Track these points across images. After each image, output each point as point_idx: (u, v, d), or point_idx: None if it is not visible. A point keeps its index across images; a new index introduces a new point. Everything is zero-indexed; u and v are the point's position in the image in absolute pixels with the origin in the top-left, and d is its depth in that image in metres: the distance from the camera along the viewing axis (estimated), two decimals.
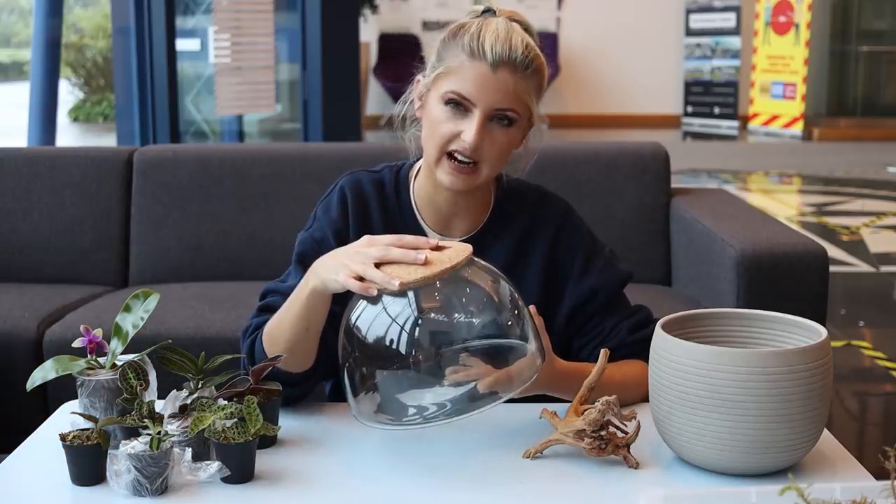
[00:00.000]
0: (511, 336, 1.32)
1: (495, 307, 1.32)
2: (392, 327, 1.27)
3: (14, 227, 2.80)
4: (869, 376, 3.64)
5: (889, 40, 11.07)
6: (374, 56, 10.92)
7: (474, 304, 1.31)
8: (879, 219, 6.33)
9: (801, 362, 1.22)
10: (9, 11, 17.55)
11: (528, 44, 1.49)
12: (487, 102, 1.47)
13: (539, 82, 1.52)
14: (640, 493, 1.16)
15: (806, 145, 10.05)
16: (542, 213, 1.63)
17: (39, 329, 2.37)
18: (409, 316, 1.27)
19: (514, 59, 1.47)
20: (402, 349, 1.26)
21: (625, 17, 11.31)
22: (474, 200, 1.59)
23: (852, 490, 1.08)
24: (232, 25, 5.33)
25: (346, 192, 1.61)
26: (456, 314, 1.30)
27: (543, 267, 1.60)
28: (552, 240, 1.61)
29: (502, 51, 1.46)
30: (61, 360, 1.40)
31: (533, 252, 1.60)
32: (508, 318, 1.33)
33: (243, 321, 2.33)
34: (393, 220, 1.60)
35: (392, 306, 1.28)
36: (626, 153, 2.76)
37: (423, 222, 1.60)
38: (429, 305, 1.29)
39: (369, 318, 1.29)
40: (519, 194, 1.64)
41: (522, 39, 1.49)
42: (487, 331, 1.31)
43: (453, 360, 1.28)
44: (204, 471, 1.24)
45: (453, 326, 1.29)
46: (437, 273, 1.27)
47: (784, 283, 2.21)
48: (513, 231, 1.61)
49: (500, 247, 1.60)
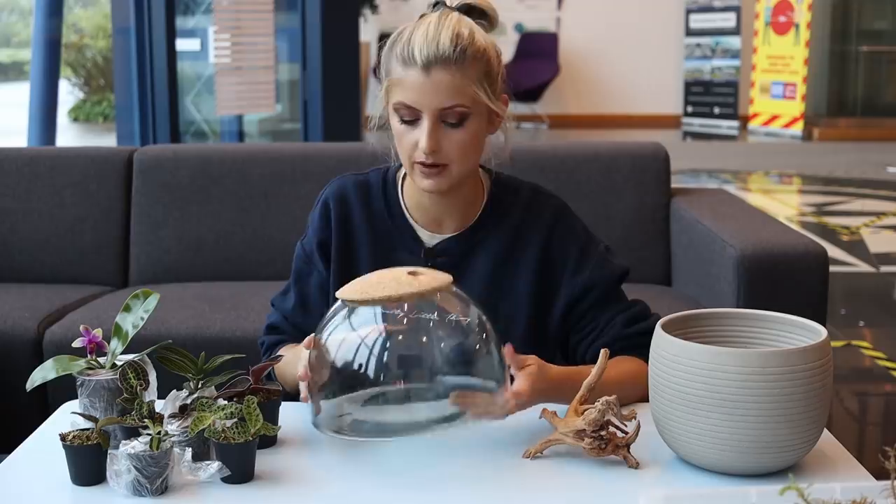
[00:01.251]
0: (476, 366, 1.34)
1: (461, 337, 1.33)
2: (360, 348, 1.29)
3: (14, 227, 2.80)
4: (869, 376, 3.64)
5: (889, 40, 11.07)
6: (374, 56, 10.92)
7: (441, 331, 1.33)
8: (879, 219, 6.33)
9: (801, 362, 1.22)
10: (9, 11, 17.55)
11: (459, 34, 1.47)
12: (431, 106, 1.47)
13: (484, 68, 1.49)
14: (640, 493, 1.16)
15: (806, 145, 10.05)
16: (536, 211, 1.62)
17: (39, 329, 2.37)
18: (376, 336, 1.30)
19: (444, 55, 1.45)
20: (367, 369, 1.29)
21: (625, 17, 11.31)
22: (462, 198, 1.59)
23: (852, 490, 1.08)
24: (232, 25, 5.33)
25: (328, 203, 1.63)
26: (422, 339, 1.33)
27: (537, 264, 1.59)
28: (546, 238, 1.60)
29: (429, 51, 1.46)
30: (61, 360, 1.40)
31: (526, 249, 1.60)
32: (475, 349, 1.34)
33: (243, 321, 2.35)
34: (380, 222, 1.61)
35: (361, 328, 1.31)
36: (626, 153, 2.76)
37: (413, 221, 1.61)
38: (394, 328, 1.31)
39: (337, 338, 1.32)
40: (512, 191, 1.64)
41: (452, 32, 1.47)
42: (452, 357, 1.33)
43: (417, 381, 1.31)
44: (204, 471, 1.24)
45: (419, 350, 1.32)
46: (402, 296, 1.28)
47: (784, 283, 2.20)
48: (505, 228, 1.60)
49: (493, 242, 1.60)
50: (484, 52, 1.49)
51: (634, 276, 2.70)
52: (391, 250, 1.60)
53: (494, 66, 1.52)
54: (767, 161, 8.88)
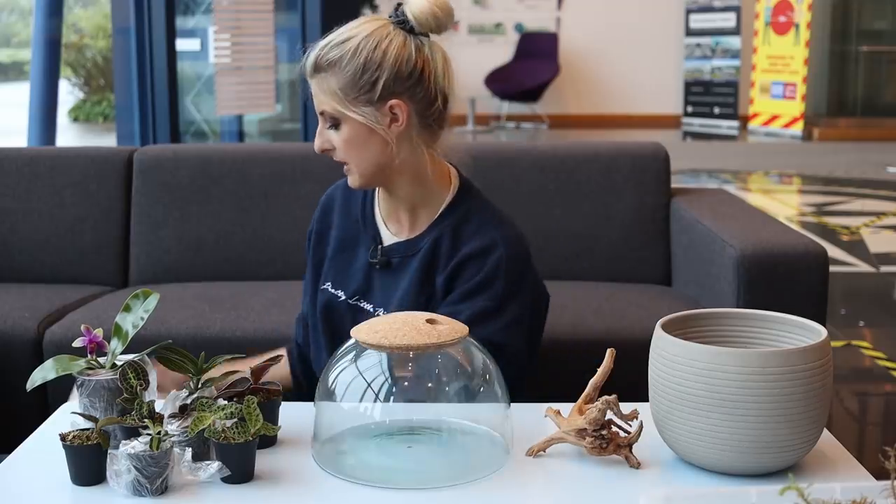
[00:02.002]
0: (480, 412, 1.35)
1: (468, 391, 1.34)
2: (366, 391, 1.30)
3: (14, 227, 2.80)
4: (869, 376, 3.64)
5: (889, 40, 11.07)
6: None
7: (447, 376, 1.33)
8: (879, 219, 6.33)
9: (801, 362, 1.22)
10: (9, 11, 17.55)
11: (327, 44, 1.59)
12: (316, 110, 1.63)
13: (346, 76, 1.57)
14: (641, 492, 1.16)
15: (806, 145, 10.05)
16: (465, 239, 1.65)
17: (39, 329, 2.37)
18: (383, 382, 1.31)
19: (310, 66, 1.60)
20: (372, 412, 1.32)
21: (625, 17, 11.31)
22: (411, 205, 1.69)
23: (852, 490, 1.08)
24: (232, 25, 5.34)
25: (320, 202, 1.83)
26: (428, 386, 1.33)
27: (445, 276, 1.65)
28: (456, 264, 1.64)
29: (305, 63, 1.61)
30: (61, 360, 1.40)
31: (447, 264, 1.65)
32: (479, 394, 1.35)
33: (243, 321, 2.35)
34: (353, 220, 1.76)
35: (367, 371, 1.31)
36: (626, 153, 2.76)
37: (381, 222, 1.73)
38: (402, 374, 1.31)
39: (346, 379, 1.32)
40: (463, 214, 1.68)
41: (327, 43, 1.59)
42: (457, 402, 1.34)
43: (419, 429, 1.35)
44: (204, 471, 1.24)
45: (424, 396, 1.33)
46: (420, 346, 1.28)
47: (784, 283, 2.20)
48: (444, 240, 1.66)
49: (428, 249, 1.67)
50: (340, 61, 1.58)
51: (635, 276, 2.72)
52: (355, 245, 1.75)
53: (354, 73, 1.57)
54: (767, 161, 8.88)
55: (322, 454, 1.33)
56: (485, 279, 1.62)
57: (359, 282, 1.72)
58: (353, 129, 1.60)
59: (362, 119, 1.59)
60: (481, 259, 1.62)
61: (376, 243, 1.72)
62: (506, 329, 1.62)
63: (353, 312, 1.71)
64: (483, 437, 1.36)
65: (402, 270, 1.69)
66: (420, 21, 1.59)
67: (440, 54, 1.62)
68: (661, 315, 1.39)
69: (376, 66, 1.57)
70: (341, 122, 1.60)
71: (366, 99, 1.58)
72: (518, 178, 2.72)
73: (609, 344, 1.43)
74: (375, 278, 1.71)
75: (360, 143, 1.61)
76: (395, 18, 1.60)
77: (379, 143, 1.61)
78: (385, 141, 1.61)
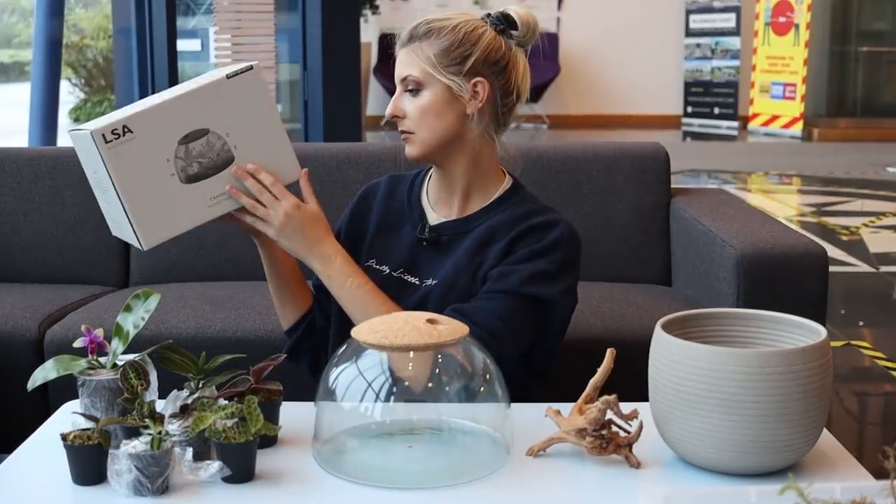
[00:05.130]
0: (480, 412, 1.36)
1: (468, 391, 1.35)
2: (367, 391, 1.30)
3: (15, 227, 2.80)
4: (869, 376, 3.64)
5: (889, 40, 11.06)
6: (374, 56, 10.92)
7: (448, 379, 1.34)
8: (879, 219, 6.33)
9: (801, 362, 1.23)
10: (10, 12, 17.55)
11: (430, 19, 1.68)
12: (396, 77, 1.69)
13: (442, 45, 1.65)
14: (641, 492, 1.16)
15: (805, 145, 10.05)
16: (526, 216, 1.70)
17: (40, 329, 2.38)
18: (384, 381, 1.31)
19: (407, 35, 1.68)
20: (373, 412, 1.31)
21: (625, 17, 11.30)
22: (463, 188, 1.73)
23: (852, 490, 1.08)
24: (233, 26, 5.34)
25: (362, 189, 1.87)
26: (430, 386, 1.33)
27: (500, 252, 1.67)
28: (510, 239, 1.67)
29: (402, 35, 1.69)
30: (62, 360, 1.40)
31: (499, 240, 1.68)
32: (479, 393, 1.35)
33: (244, 321, 2.35)
34: (398, 202, 1.80)
35: (368, 371, 1.31)
36: (626, 153, 2.76)
37: (427, 203, 1.77)
38: (403, 374, 1.31)
39: (346, 379, 1.32)
40: (518, 201, 1.73)
41: (427, 19, 1.68)
42: (458, 401, 1.34)
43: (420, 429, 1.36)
44: (204, 470, 1.24)
45: (425, 396, 1.33)
46: (420, 346, 1.28)
47: (784, 283, 2.20)
48: (493, 222, 1.70)
49: (480, 230, 1.70)
50: (443, 31, 1.66)
51: (634, 276, 2.72)
52: (399, 224, 1.78)
53: (452, 42, 1.65)
54: (767, 161, 8.88)
55: (322, 454, 1.33)
56: (546, 246, 1.66)
57: (404, 256, 1.75)
58: (435, 95, 1.66)
59: (449, 84, 1.65)
60: (544, 230, 1.67)
61: (423, 222, 1.75)
62: (561, 294, 1.67)
63: (398, 285, 1.72)
64: (483, 436, 1.36)
65: (452, 247, 1.72)
66: (523, 21, 1.71)
67: (522, 60, 1.74)
68: (661, 315, 1.39)
69: (472, 43, 1.66)
70: (423, 88, 1.66)
71: (455, 69, 1.65)
72: (518, 178, 2.71)
73: (609, 344, 1.43)
74: (422, 254, 1.74)
75: (436, 111, 1.66)
76: (492, 19, 1.70)
77: (454, 115, 1.67)
78: (459, 115, 1.67)
